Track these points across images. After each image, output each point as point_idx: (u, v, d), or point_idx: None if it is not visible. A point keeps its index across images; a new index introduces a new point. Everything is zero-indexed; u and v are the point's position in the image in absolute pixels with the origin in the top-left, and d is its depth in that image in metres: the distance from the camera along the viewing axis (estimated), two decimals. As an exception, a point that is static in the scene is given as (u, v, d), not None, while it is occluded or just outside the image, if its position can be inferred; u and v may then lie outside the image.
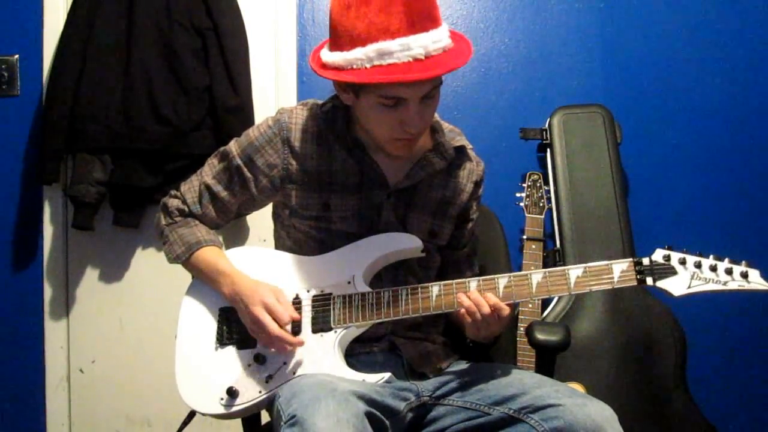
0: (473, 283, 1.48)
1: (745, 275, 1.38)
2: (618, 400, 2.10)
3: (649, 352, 2.35)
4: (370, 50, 1.36)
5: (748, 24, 2.63)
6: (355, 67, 1.39)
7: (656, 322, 2.37)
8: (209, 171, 1.67)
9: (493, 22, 2.65)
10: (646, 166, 2.63)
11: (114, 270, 2.58)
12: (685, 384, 2.34)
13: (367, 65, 1.38)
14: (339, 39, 1.42)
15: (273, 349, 1.49)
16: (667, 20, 2.64)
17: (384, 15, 1.36)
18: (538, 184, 2.39)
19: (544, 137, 2.51)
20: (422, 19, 1.38)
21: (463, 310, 1.44)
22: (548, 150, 2.50)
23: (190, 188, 1.68)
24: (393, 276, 1.59)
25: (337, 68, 1.42)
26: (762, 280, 1.38)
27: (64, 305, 2.56)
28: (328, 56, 1.45)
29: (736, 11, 2.63)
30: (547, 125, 2.51)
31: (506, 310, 1.43)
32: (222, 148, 1.68)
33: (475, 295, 1.43)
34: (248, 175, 1.61)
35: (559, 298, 2.38)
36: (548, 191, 2.41)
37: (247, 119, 2.38)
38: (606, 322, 2.37)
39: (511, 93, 2.64)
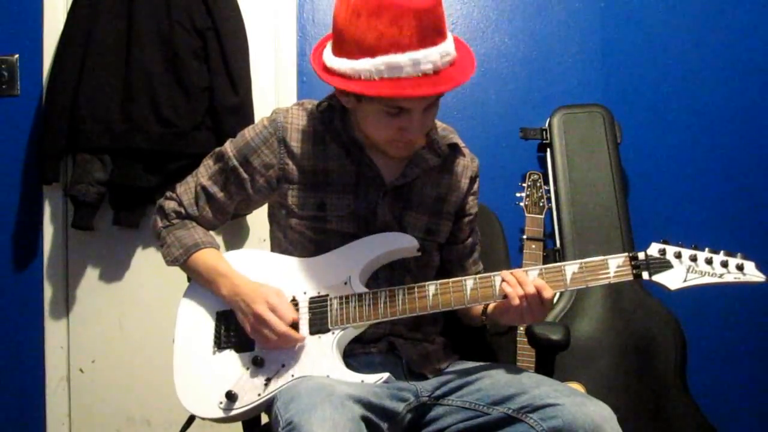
0: (470, 281, 1.48)
1: (740, 267, 1.38)
2: (617, 400, 2.10)
3: (649, 352, 2.35)
4: (379, 62, 1.36)
5: (748, 24, 2.63)
6: (363, 77, 1.38)
7: (656, 322, 2.37)
8: (205, 172, 1.66)
9: (493, 22, 2.65)
10: (646, 166, 2.63)
11: (114, 270, 2.58)
12: (685, 384, 2.34)
13: (376, 77, 1.37)
14: (345, 45, 1.41)
15: (274, 348, 1.49)
16: (667, 20, 2.63)
17: (395, 28, 1.35)
18: (538, 184, 2.39)
19: (544, 137, 2.51)
20: (431, 33, 1.37)
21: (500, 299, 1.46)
22: (548, 150, 2.50)
23: (186, 190, 1.67)
24: (390, 276, 1.59)
25: (343, 76, 1.41)
26: (757, 272, 1.39)
27: (64, 305, 2.56)
28: (334, 61, 1.44)
29: (736, 11, 2.62)
30: (547, 125, 2.51)
31: (549, 291, 1.43)
32: (217, 149, 1.67)
33: (519, 274, 1.45)
34: (244, 175, 1.61)
35: (559, 297, 2.39)
36: (548, 191, 2.41)
37: (247, 119, 2.38)
38: (606, 322, 2.37)
39: (511, 93, 2.64)
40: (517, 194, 2.39)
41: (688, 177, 2.63)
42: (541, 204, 2.37)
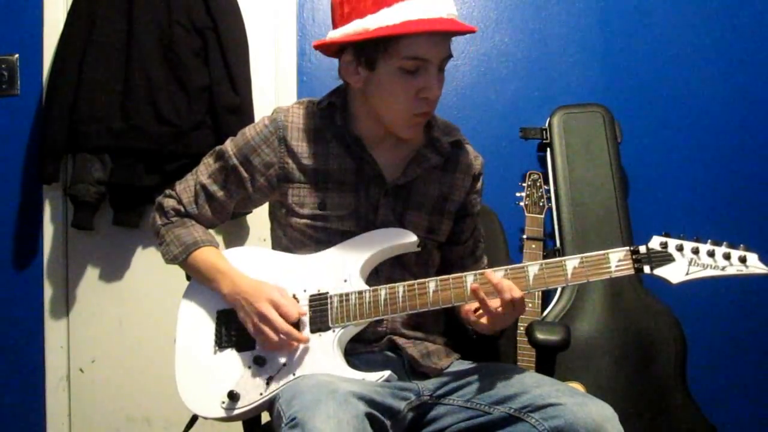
0: (470, 277, 1.47)
1: (743, 260, 1.35)
2: (618, 400, 2.10)
3: (649, 351, 2.35)
4: (397, 8, 1.40)
5: (748, 24, 2.63)
6: (383, 24, 1.41)
7: (656, 321, 2.37)
8: (205, 170, 1.66)
9: (493, 22, 2.65)
10: (646, 165, 2.63)
11: (114, 270, 2.58)
12: (685, 383, 2.34)
13: (397, 21, 1.40)
14: (360, 5, 1.43)
15: (275, 348, 1.48)
16: (667, 20, 2.64)
17: None
18: (538, 184, 2.39)
19: (544, 137, 2.51)
20: None
21: (471, 306, 1.44)
22: (548, 149, 2.51)
23: (185, 188, 1.67)
24: (390, 272, 1.59)
25: (363, 33, 1.43)
26: (760, 264, 1.35)
27: (64, 305, 2.56)
28: (344, 30, 1.46)
29: (737, 11, 2.63)
30: (547, 125, 2.52)
31: (517, 292, 1.40)
32: (218, 147, 1.67)
33: (497, 279, 1.41)
34: (245, 174, 1.61)
35: (559, 297, 2.39)
36: (548, 191, 2.41)
37: (247, 119, 2.38)
38: (606, 321, 2.37)
39: (511, 93, 2.64)
40: (517, 194, 2.39)
41: (689, 176, 2.63)
42: (541, 204, 2.37)
